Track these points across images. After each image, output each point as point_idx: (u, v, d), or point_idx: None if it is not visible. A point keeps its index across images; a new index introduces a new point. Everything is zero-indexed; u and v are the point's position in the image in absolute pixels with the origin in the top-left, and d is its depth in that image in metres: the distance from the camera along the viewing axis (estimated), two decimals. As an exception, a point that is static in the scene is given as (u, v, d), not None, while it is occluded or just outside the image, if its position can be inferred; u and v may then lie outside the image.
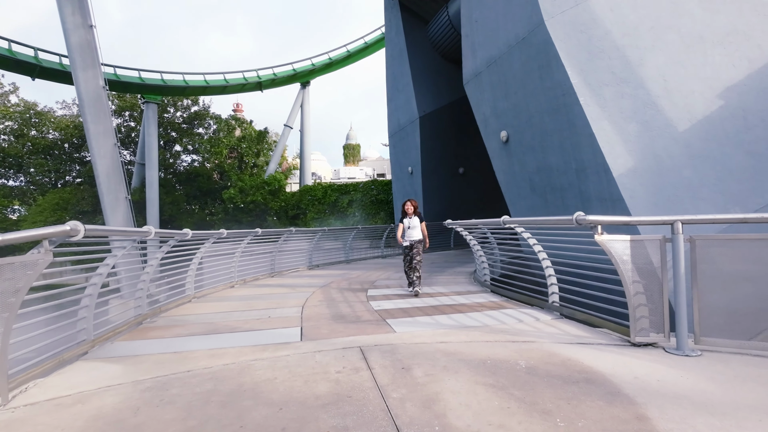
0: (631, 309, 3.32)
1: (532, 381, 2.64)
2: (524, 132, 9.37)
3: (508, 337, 3.65)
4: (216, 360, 3.17)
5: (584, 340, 3.52)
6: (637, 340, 3.31)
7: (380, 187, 25.31)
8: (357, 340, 3.64)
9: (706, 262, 3.19)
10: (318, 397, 2.44)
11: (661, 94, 7.75)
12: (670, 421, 2.09)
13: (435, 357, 3.12)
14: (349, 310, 5.04)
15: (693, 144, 7.62)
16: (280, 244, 9.54)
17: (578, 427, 2.04)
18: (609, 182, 7.44)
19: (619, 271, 3.30)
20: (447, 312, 4.73)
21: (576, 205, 8.26)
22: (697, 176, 7.52)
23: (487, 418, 2.15)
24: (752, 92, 7.95)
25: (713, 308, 3.26)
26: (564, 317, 4.28)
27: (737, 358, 3.01)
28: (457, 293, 6.06)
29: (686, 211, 7.17)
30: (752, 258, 3.23)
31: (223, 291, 7.02)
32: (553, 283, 4.58)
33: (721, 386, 2.54)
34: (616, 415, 2.17)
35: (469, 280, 7.53)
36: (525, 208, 9.80)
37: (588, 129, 7.60)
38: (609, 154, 7.44)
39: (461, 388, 2.53)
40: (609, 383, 2.58)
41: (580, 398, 2.37)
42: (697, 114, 7.74)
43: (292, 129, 31.98)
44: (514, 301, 5.29)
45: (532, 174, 9.36)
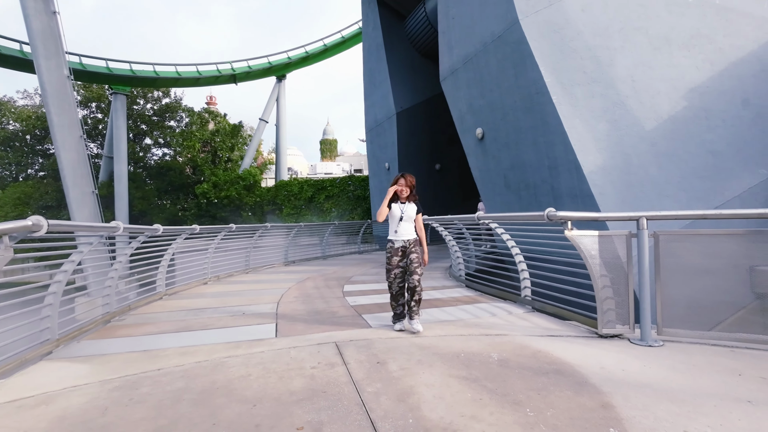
0: (598, 302, 3.44)
1: (504, 373, 2.70)
2: (499, 129, 9.51)
3: (482, 330, 3.72)
4: (188, 358, 3.12)
5: (554, 332, 3.62)
6: (604, 332, 3.43)
7: (357, 182, 25.25)
8: (333, 335, 3.64)
9: (668, 257, 3.33)
10: (293, 392, 2.43)
11: (629, 94, 8.00)
12: (633, 409, 2.18)
13: (410, 351, 3.15)
14: (325, 305, 5.03)
15: (659, 143, 7.91)
16: (255, 240, 9.42)
17: (547, 417, 2.11)
18: (580, 179, 7.65)
19: (587, 266, 3.41)
20: (422, 306, 4.77)
21: (548, 201, 8.46)
22: (662, 174, 7.81)
23: (460, 410, 2.19)
24: (713, 94, 8.30)
25: (675, 300, 3.41)
26: (536, 311, 4.39)
27: (696, 348, 3.16)
28: (433, 288, 6.13)
29: (652, 207, 7.44)
30: (711, 252, 3.39)
31: (196, 288, 6.88)
32: (525, 278, 4.68)
33: (681, 375, 2.66)
34: (583, 404, 2.25)
35: (444, 275, 7.62)
36: (499, 204, 9.97)
37: (560, 127, 7.78)
38: (580, 152, 7.64)
39: (435, 382, 2.57)
40: (577, 374, 2.66)
41: (549, 389, 2.44)
42: (663, 114, 8.03)
43: (267, 123, 31.49)
44: (488, 295, 5.39)
45: (506, 170, 9.52)
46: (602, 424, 2.02)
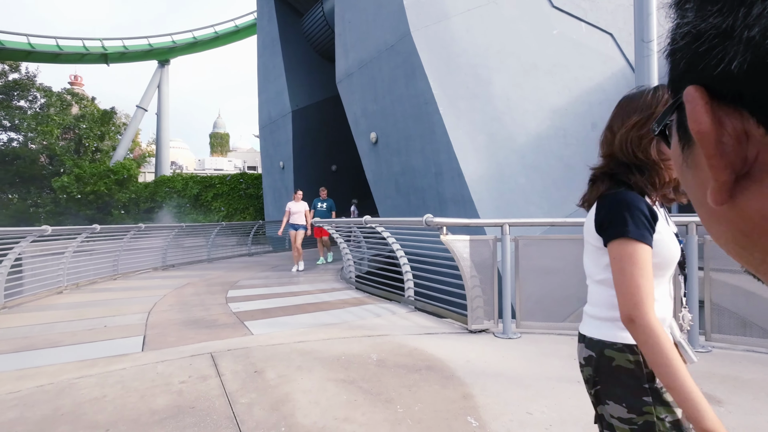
0: (469, 300, 3.77)
1: (380, 372, 2.82)
2: (391, 135, 9.87)
3: (365, 332, 3.82)
4: (26, 382, 2.68)
5: (431, 330, 3.88)
6: (473, 328, 3.77)
7: (250, 180, 24.11)
8: (209, 345, 3.42)
9: (525, 259, 3.79)
10: (155, 412, 2.23)
11: (504, 110, 8.90)
12: (489, 397, 2.43)
13: (290, 357, 3.11)
14: (204, 313, 4.72)
15: (527, 156, 8.94)
16: (126, 242, 8.44)
17: (414, 411, 2.25)
18: (462, 185, 8.29)
19: (459, 267, 3.72)
20: (309, 310, 4.75)
21: (434, 205, 9.02)
22: (529, 183, 8.84)
23: (334, 413, 2.23)
24: (570, 116, 9.65)
25: (530, 297, 3.89)
26: (417, 310, 4.65)
27: (546, 338, 3.64)
28: (322, 291, 6.12)
29: (520, 212, 8.38)
30: (558, 255, 3.94)
31: (47, 298, 5.93)
32: (409, 279, 4.93)
33: (531, 362, 3.04)
34: (448, 396, 2.45)
35: (335, 277, 7.66)
36: (390, 207, 10.34)
37: (446, 137, 8.34)
38: (462, 160, 8.28)
39: (312, 387, 2.57)
40: (446, 368, 2.89)
41: (420, 384, 2.60)
42: (531, 131, 9.09)
43: (147, 111, 28.47)
44: (376, 296, 5.56)
45: (397, 175, 9.91)
46: (461, 414, 2.22)
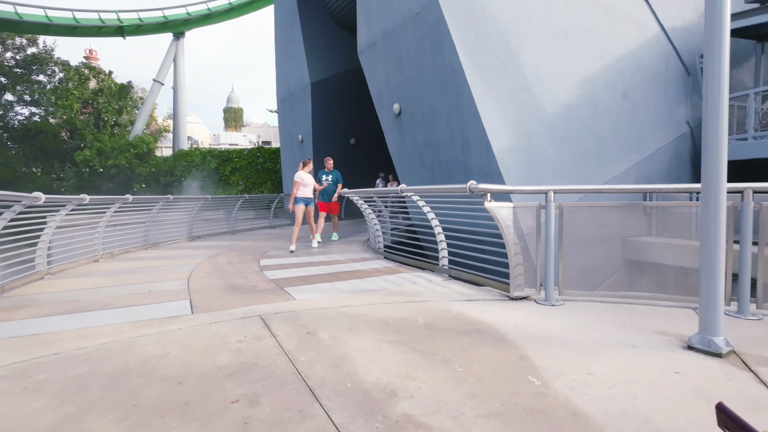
0: (511, 268, 3.75)
1: (431, 335, 2.84)
2: (416, 106, 9.70)
3: (406, 298, 3.85)
4: (90, 340, 2.77)
5: (471, 297, 3.89)
6: (515, 295, 3.77)
7: (267, 155, 24.15)
8: (255, 309, 3.49)
9: (569, 226, 3.74)
10: (220, 367, 2.30)
11: (533, 80, 8.64)
12: (545, 358, 2.44)
13: (339, 320, 3.15)
14: (243, 280, 4.80)
15: (556, 127, 8.72)
16: (155, 214, 8.58)
17: (474, 371, 2.27)
18: (489, 158, 8.16)
19: (503, 235, 3.69)
20: (345, 278, 4.80)
21: (460, 178, 8.91)
22: (558, 155, 8.66)
23: (395, 371, 2.26)
24: (600, 85, 9.34)
25: (573, 265, 3.85)
26: (453, 278, 4.66)
27: (589, 305, 3.62)
28: (353, 260, 6.17)
29: (551, 185, 8.26)
30: (602, 223, 3.88)
31: (86, 266, 6.10)
32: (443, 248, 4.93)
33: (578, 328, 3.03)
34: (503, 357, 2.46)
35: (362, 248, 7.70)
36: (415, 180, 10.26)
37: (473, 108, 8.16)
38: (490, 132, 8.12)
39: (367, 347, 2.61)
40: (495, 332, 2.90)
41: (473, 347, 2.62)
42: (561, 101, 8.84)
43: (163, 85, 28.44)
44: (407, 266, 5.58)
45: (422, 148, 9.79)
46: (522, 373, 2.24)
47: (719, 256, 2.50)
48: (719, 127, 2.47)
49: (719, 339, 2.51)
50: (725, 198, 2.51)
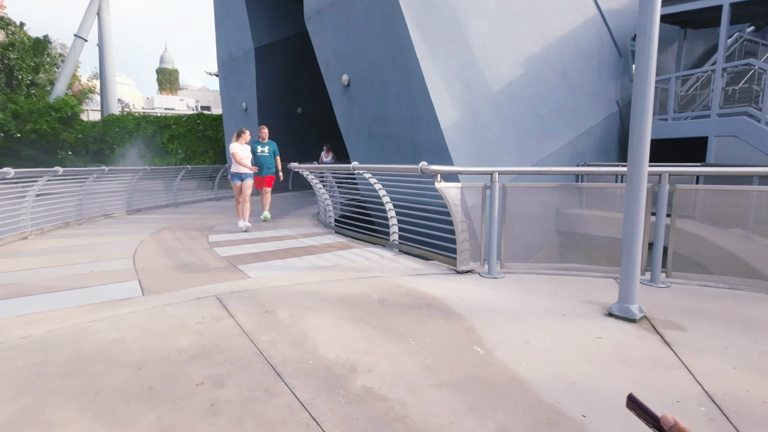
0: (458, 243, 4.00)
1: (385, 311, 3.02)
2: (365, 78, 9.61)
3: (359, 274, 4.00)
4: (35, 327, 2.67)
5: (421, 271, 4.11)
6: (461, 269, 4.03)
7: (208, 122, 22.89)
8: (210, 288, 3.49)
9: (511, 205, 4.02)
10: (181, 351, 2.33)
11: (480, 57, 8.84)
12: (489, 329, 2.70)
13: (296, 298, 3.24)
14: (194, 258, 4.72)
15: (500, 104, 9.05)
16: (89, 185, 8.01)
17: (426, 343, 2.48)
18: (437, 133, 8.34)
19: (451, 213, 3.90)
20: (298, 254, 4.86)
21: (409, 152, 9.08)
22: (502, 132, 9.03)
23: (354, 347, 2.41)
24: (542, 64, 9.73)
25: (513, 240, 4.17)
26: (403, 253, 4.86)
27: (527, 277, 3.96)
28: (304, 235, 6.21)
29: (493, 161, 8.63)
30: (539, 200, 4.20)
31: (13, 244, 5.66)
32: (394, 224, 5.10)
33: (518, 299, 3.35)
34: (452, 329, 2.69)
35: (313, 222, 7.73)
36: (363, 153, 10.30)
37: (423, 83, 8.24)
38: (439, 108, 8.27)
39: (326, 325, 2.74)
40: (444, 305, 3.13)
41: (424, 320, 2.84)
42: (505, 79, 9.14)
43: (86, 42, 25.71)
44: (359, 241, 5.72)
45: (371, 121, 9.79)
46: (469, 344, 2.48)
47: (638, 237, 2.85)
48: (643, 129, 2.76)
49: (634, 307, 2.89)
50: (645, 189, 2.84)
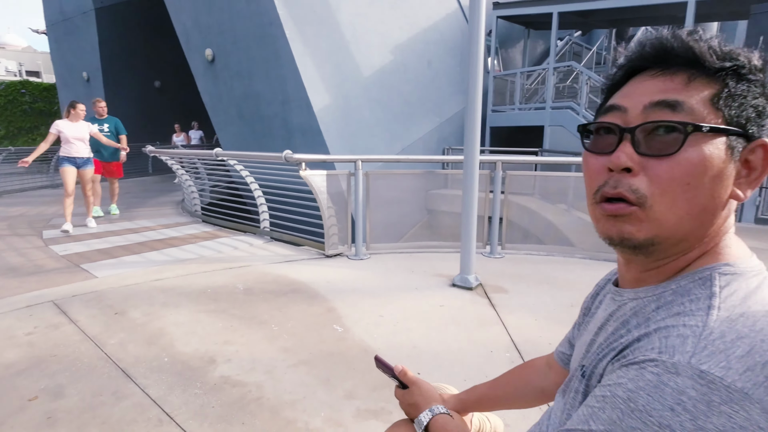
0: (325, 229, 4.16)
1: (250, 300, 3.05)
2: (231, 55, 9.08)
3: (225, 264, 3.92)
4: None
5: (291, 258, 4.19)
6: (329, 253, 4.21)
7: (37, 92, 19.20)
8: (45, 293, 3.09)
9: (374, 191, 4.31)
10: (8, 366, 2.08)
11: (351, 41, 9.00)
12: (348, 308, 2.93)
13: (152, 295, 3.08)
14: (22, 259, 4.07)
15: (371, 89, 9.38)
16: None
17: (288, 327, 2.60)
18: (310, 116, 8.35)
19: (318, 200, 4.03)
20: (157, 248, 4.53)
21: (282, 134, 8.92)
22: (372, 116, 9.40)
23: (214, 339, 2.42)
24: (409, 53, 10.30)
25: (377, 223, 4.48)
26: (274, 240, 4.87)
27: (391, 256, 4.32)
28: (165, 226, 5.77)
29: (365, 144, 8.96)
30: (400, 187, 4.57)
31: None
32: (264, 211, 5.05)
33: (379, 277, 3.66)
34: (314, 312, 2.86)
35: (176, 210, 7.18)
36: (233, 134, 9.81)
37: (293, 63, 8.11)
38: (310, 90, 8.26)
39: (185, 320, 2.68)
40: (310, 289, 3.28)
41: (289, 305, 2.95)
42: (375, 65, 9.48)
43: None
44: (228, 229, 5.53)
45: (240, 100, 9.34)
46: (328, 323, 2.67)
47: (473, 216, 3.34)
48: (473, 128, 3.20)
49: (471, 276, 3.39)
50: (477, 175, 3.31)
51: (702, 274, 0.49)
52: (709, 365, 0.39)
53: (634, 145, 0.49)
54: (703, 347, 0.41)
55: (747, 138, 0.48)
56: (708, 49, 0.48)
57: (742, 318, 0.43)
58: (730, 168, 0.48)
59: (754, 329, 0.41)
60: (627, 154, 0.49)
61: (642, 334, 0.47)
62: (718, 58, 0.48)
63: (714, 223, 0.50)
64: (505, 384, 0.96)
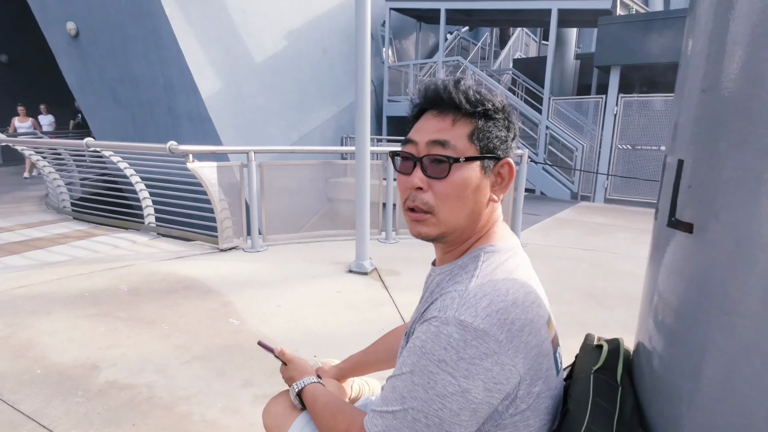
0: (218, 222, 4.05)
1: (136, 300, 2.90)
2: (101, 31, 8.10)
3: (106, 265, 3.62)
4: None
5: (182, 254, 4.01)
6: (224, 246, 4.12)
7: None
8: None
9: (269, 182, 4.29)
10: None
11: (240, 24, 8.60)
12: (245, 300, 2.94)
13: (16, 304, 2.75)
14: None
15: (265, 75, 9.09)
16: None
17: (180, 325, 2.55)
18: (198, 102, 7.85)
19: (208, 193, 3.90)
20: (18, 251, 3.98)
21: (166, 121, 8.27)
22: (268, 104, 9.14)
23: (96, 345, 2.29)
24: (304, 39, 10.16)
25: (275, 214, 4.48)
26: (162, 236, 4.58)
27: (289, 247, 4.36)
28: (27, 226, 5.06)
29: (260, 133, 8.71)
30: (297, 177, 4.61)
31: None
32: (148, 206, 4.71)
33: (277, 268, 3.70)
34: (209, 307, 2.82)
35: (39, 207, 6.30)
36: (108, 120, 8.83)
37: (175, 45, 7.53)
38: (197, 74, 7.75)
39: (59, 327, 2.47)
40: (203, 285, 3.21)
41: (180, 303, 2.87)
42: (268, 50, 9.19)
43: None
44: (106, 226, 5.04)
45: (115, 83, 8.42)
46: (224, 317, 2.67)
47: (366, 205, 3.53)
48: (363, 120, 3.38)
49: (366, 262, 3.61)
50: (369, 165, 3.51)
51: (475, 253, 0.70)
52: (465, 316, 0.59)
53: (423, 170, 0.69)
54: (462, 304, 0.61)
55: (497, 158, 0.69)
56: (464, 97, 0.69)
57: (489, 282, 0.64)
58: (486, 181, 0.70)
59: (494, 288, 0.63)
60: (419, 177, 0.69)
61: (435, 298, 0.67)
62: (471, 104, 0.69)
63: (481, 219, 0.72)
64: (374, 351, 1.14)
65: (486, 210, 0.71)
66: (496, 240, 0.72)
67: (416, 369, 0.60)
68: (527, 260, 0.76)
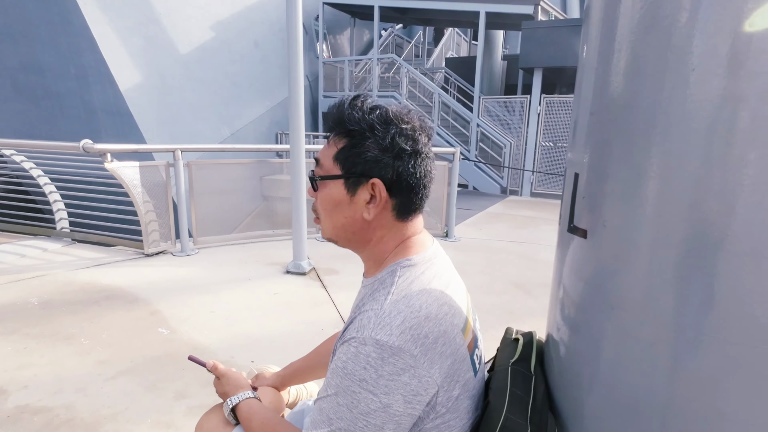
0: (143, 226, 3.80)
1: (49, 315, 2.65)
2: (-5, 12, 7.21)
3: (10, 277, 3.27)
4: None
5: (102, 261, 3.71)
6: (150, 251, 3.87)
7: None
8: None
9: (199, 182, 4.09)
10: None
11: (162, 12, 8.07)
12: (175, 308, 2.80)
13: None
14: None
15: (192, 67, 8.62)
16: None
17: (102, 338, 2.38)
18: (116, 95, 7.28)
19: (130, 194, 3.64)
20: None
21: (80, 115, 7.57)
22: (197, 98, 8.68)
23: (3, 366, 2.07)
24: (234, 31, 9.76)
25: (206, 215, 4.29)
26: (78, 242, 4.20)
27: (222, 249, 4.19)
28: None
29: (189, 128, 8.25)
30: (229, 176, 4.44)
31: None
32: (60, 209, 4.30)
33: (210, 272, 3.55)
34: (135, 316, 2.66)
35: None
36: (10, 112, 7.90)
37: (88, 32, 6.92)
38: (114, 65, 7.19)
39: (-45, 350, 2.20)
40: (128, 294, 3.00)
41: (102, 314, 2.67)
42: (195, 40, 8.71)
43: None
44: (8, 233, 4.53)
45: (16, 71, 7.55)
46: (152, 327, 2.52)
47: (302, 205, 3.50)
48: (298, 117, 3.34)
49: (304, 262, 3.57)
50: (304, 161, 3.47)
51: (393, 267, 0.73)
52: (381, 335, 0.62)
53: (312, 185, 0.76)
54: (378, 323, 0.64)
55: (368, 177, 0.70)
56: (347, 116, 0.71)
57: (404, 299, 0.67)
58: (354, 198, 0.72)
59: (408, 305, 0.66)
60: (312, 189, 0.76)
61: (356, 316, 0.69)
62: (350, 123, 0.71)
63: (368, 233, 0.75)
64: (315, 356, 1.15)
65: (372, 224, 0.73)
66: (414, 253, 0.75)
67: (340, 390, 0.62)
68: (446, 266, 0.79)
